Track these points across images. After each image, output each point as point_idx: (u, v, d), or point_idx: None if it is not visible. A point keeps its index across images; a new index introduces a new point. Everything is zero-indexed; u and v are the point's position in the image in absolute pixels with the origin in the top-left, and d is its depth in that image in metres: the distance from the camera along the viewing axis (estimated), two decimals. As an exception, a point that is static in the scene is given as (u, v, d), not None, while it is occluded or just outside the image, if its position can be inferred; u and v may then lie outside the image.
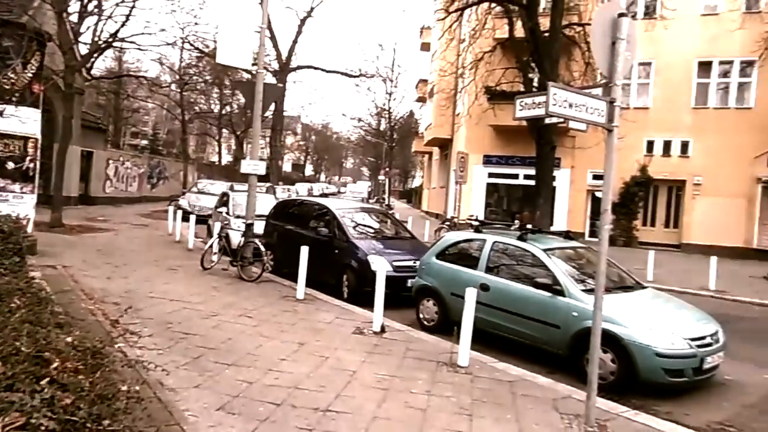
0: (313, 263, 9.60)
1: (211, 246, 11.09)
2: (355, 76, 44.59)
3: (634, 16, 23.32)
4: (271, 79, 48.72)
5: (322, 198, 13.44)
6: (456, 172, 20.06)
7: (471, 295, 6.05)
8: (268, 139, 46.15)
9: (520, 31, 18.50)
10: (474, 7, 19.36)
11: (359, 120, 60.71)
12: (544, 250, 7.03)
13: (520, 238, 7.33)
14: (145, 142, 75.92)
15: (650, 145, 23.39)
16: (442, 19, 19.39)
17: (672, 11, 20.58)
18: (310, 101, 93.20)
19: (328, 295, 9.52)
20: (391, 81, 43.76)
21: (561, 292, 6.51)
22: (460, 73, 21.70)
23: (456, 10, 17.84)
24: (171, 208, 16.37)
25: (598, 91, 4.81)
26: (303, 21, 44.89)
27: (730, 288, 13.89)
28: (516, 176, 25.57)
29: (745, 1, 20.61)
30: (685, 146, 22.99)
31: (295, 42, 45.16)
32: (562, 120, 6.08)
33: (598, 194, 24.09)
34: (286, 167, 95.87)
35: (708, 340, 6.13)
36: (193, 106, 55.46)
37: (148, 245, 14.25)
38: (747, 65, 21.19)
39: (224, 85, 58.42)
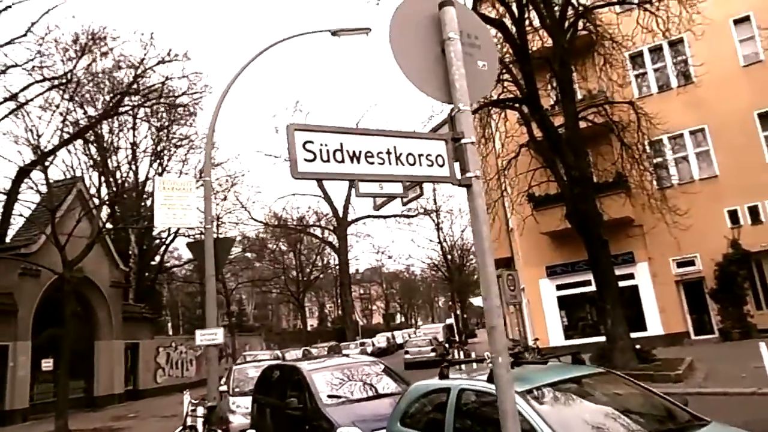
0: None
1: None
2: (411, 216, 43.95)
3: (667, 87, 21.62)
4: (332, 236, 49.38)
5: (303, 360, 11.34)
6: (506, 293, 17.65)
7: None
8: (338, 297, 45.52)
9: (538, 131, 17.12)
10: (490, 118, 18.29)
11: (409, 257, 59.65)
12: (524, 393, 4.66)
13: (492, 379, 5.00)
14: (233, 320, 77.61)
15: (733, 215, 20.01)
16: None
17: (699, 65, 18.65)
18: (381, 250, 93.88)
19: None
20: (437, 212, 42.57)
21: (551, 458, 4.08)
22: (491, 186, 20.09)
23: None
24: (186, 397, 14.55)
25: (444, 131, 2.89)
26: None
27: None
28: (588, 282, 22.50)
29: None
30: (775, 208, 19.49)
31: (348, 196, 45.92)
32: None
33: (689, 281, 20.61)
34: (376, 319, 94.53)
35: None
36: (269, 279, 56.35)
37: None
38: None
39: (297, 250, 59.83)
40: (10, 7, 20.78)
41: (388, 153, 2.59)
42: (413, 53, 2.81)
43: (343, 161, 2.49)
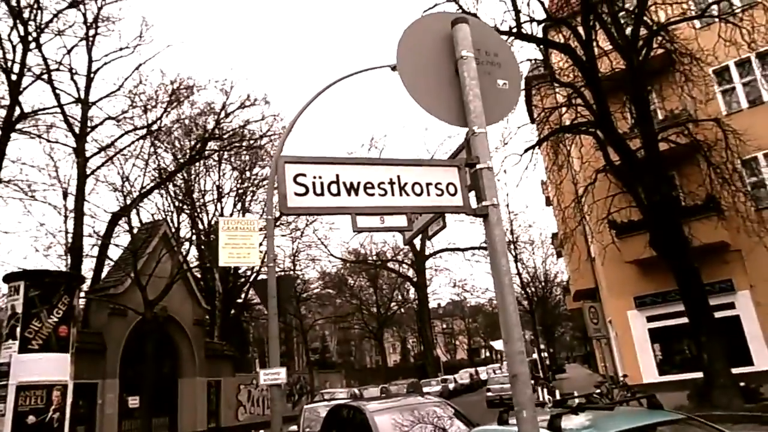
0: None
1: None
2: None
3: (759, 101, 20.05)
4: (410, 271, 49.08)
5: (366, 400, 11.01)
6: (589, 326, 16.66)
7: None
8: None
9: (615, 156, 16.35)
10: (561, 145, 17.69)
11: (486, 290, 57.62)
12: (586, 442, 4.19)
13: (552, 425, 4.53)
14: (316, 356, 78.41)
15: None
16: (551, 164, 17.68)
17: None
18: (458, 283, 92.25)
19: None
20: (514, 243, 41.28)
21: None
22: (568, 214, 19.27)
23: (527, 150, 16.18)
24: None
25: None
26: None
27: None
28: (680, 314, 20.90)
29: None
30: None
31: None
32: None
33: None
34: (461, 355, 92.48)
35: None
36: (347, 314, 56.55)
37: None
38: None
39: (377, 286, 59.81)
40: (107, 63, 22.70)
41: (391, 183, 2.39)
42: (424, 76, 2.61)
43: (338, 194, 2.33)
